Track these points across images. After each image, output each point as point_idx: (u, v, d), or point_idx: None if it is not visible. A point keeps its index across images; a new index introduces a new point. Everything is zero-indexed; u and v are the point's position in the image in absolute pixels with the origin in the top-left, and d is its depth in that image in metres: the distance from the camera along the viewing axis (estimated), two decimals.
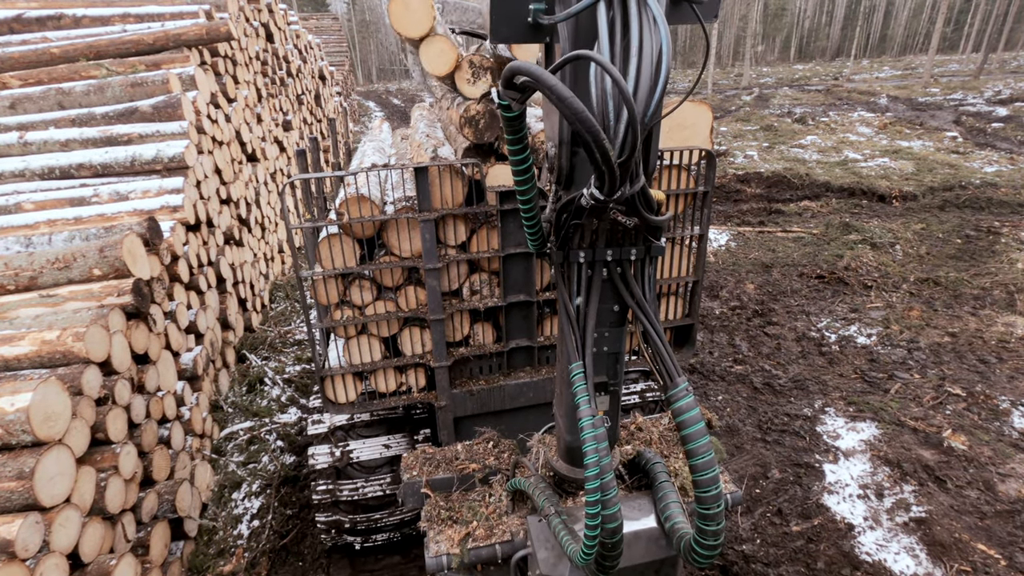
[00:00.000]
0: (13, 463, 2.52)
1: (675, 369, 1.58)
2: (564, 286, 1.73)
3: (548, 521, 1.99)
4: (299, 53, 11.00)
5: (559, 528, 1.91)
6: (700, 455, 1.43)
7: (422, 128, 4.53)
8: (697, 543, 1.53)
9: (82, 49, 6.08)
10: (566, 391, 1.95)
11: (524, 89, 1.31)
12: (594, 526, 1.53)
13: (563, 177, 1.57)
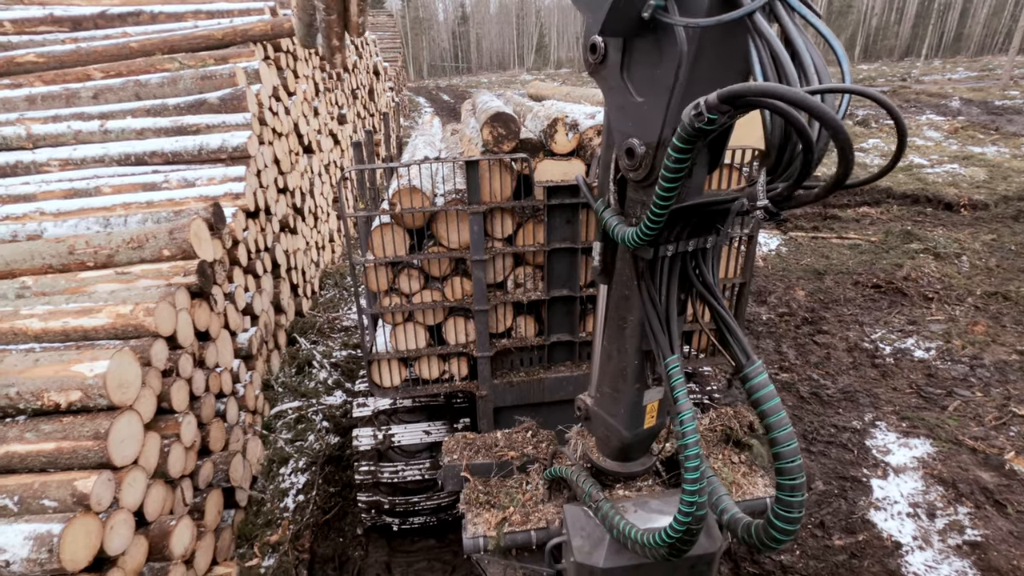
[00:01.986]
0: (90, 424, 2.75)
1: (748, 348, 1.60)
2: (651, 281, 1.72)
3: (598, 507, 2.01)
4: (355, 49, 11.32)
5: (612, 514, 1.94)
6: (780, 428, 1.44)
7: (472, 123, 4.61)
8: (778, 517, 1.49)
9: (158, 44, 6.45)
10: (629, 388, 1.97)
11: (745, 106, 1.24)
12: (688, 512, 1.59)
13: (649, 175, 1.57)
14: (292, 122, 6.93)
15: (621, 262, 1.87)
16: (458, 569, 4.15)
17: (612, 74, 1.63)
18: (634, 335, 1.90)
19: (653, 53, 1.49)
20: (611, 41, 1.59)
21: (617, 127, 1.67)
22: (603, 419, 2.16)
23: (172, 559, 3.03)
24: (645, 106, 1.54)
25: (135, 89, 5.97)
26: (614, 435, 2.13)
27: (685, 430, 1.59)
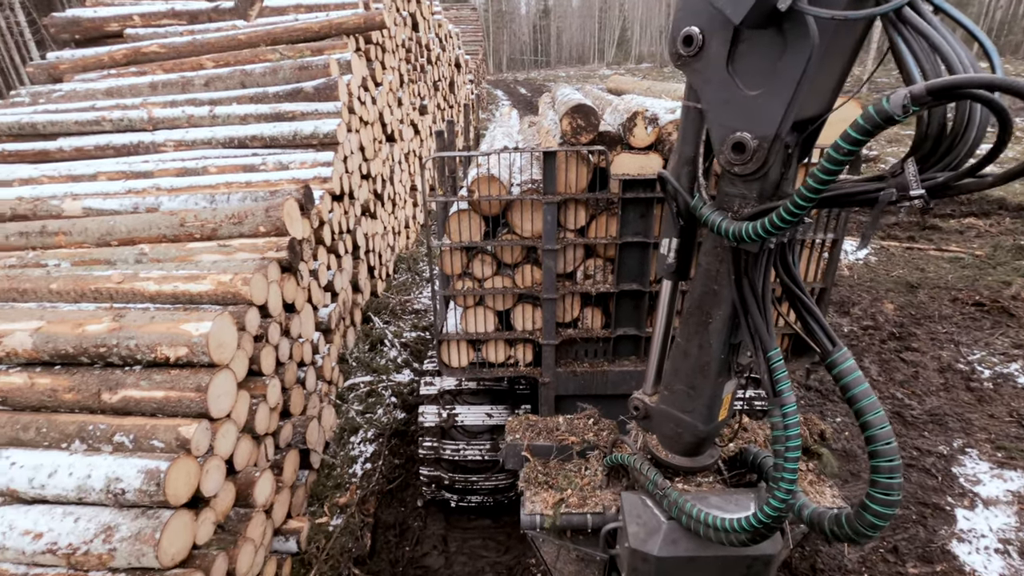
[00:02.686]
0: (193, 377, 3.06)
1: (833, 335, 1.60)
2: (754, 274, 1.73)
3: (665, 495, 2.05)
4: (439, 42, 11.64)
5: (681, 501, 1.97)
6: (872, 411, 1.44)
7: (551, 116, 4.66)
8: (875, 501, 1.48)
9: (262, 36, 6.95)
10: (710, 382, 1.99)
11: (953, 98, 1.23)
12: (783, 499, 1.64)
13: (761, 169, 1.58)
14: (378, 111, 7.25)
15: (709, 257, 1.86)
16: (511, 550, 4.27)
17: (713, 67, 1.61)
18: (721, 329, 1.90)
19: (774, 46, 1.46)
20: (715, 34, 1.57)
21: (719, 122, 1.64)
22: (672, 416, 2.17)
23: (254, 507, 3.33)
24: (760, 99, 1.52)
25: (241, 78, 6.47)
26: (687, 431, 2.14)
27: (788, 422, 1.63)
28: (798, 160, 1.66)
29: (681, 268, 2.10)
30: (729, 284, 1.79)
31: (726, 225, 1.66)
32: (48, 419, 2.96)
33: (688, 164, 1.92)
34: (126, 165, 5.71)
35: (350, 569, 3.96)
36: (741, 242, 1.64)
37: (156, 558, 2.54)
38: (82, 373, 3.10)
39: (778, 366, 1.68)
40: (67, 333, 3.08)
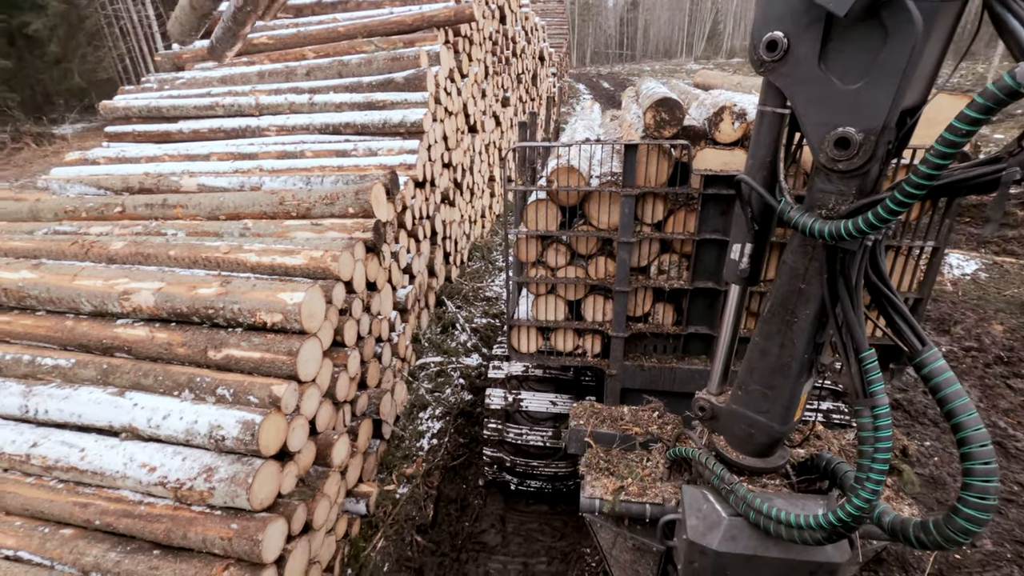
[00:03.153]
0: (286, 342, 3.35)
1: (922, 334, 1.58)
2: (850, 271, 1.71)
3: (732, 490, 2.06)
4: (525, 34, 11.73)
5: (751, 496, 1.98)
6: (965, 412, 1.41)
7: (634, 109, 4.63)
8: (968, 505, 1.44)
9: (359, 28, 7.33)
10: (790, 382, 1.98)
11: None
12: (867, 499, 1.64)
13: (868, 162, 1.56)
14: (462, 102, 7.46)
15: (796, 255, 1.85)
16: (566, 537, 4.34)
17: (803, 67, 1.61)
18: (807, 328, 1.88)
19: (871, 37, 1.46)
20: (802, 35, 1.57)
21: (817, 120, 1.63)
22: (745, 417, 2.15)
23: (331, 467, 3.59)
24: (862, 92, 1.50)
25: (338, 68, 6.86)
26: (761, 431, 2.12)
27: (880, 423, 1.61)
28: (896, 155, 1.61)
29: (754, 274, 2.10)
30: (819, 282, 1.77)
31: (820, 225, 1.64)
32: (164, 369, 3.35)
33: (764, 169, 1.91)
34: (234, 147, 6.24)
35: (413, 536, 4.18)
36: (840, 240, 1.61)
37: (248, 500, 2.82)
38: (193, 331, 3.47)
39: (872, 367, 1.64)
40: (182, 294, 3.45)
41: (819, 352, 1.96)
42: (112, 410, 3.13)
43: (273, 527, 2.86)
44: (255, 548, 2.77)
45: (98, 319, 3.63)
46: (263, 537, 2.78)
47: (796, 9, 1.52)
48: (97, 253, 4.22)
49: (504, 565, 4.15)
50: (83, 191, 5.73)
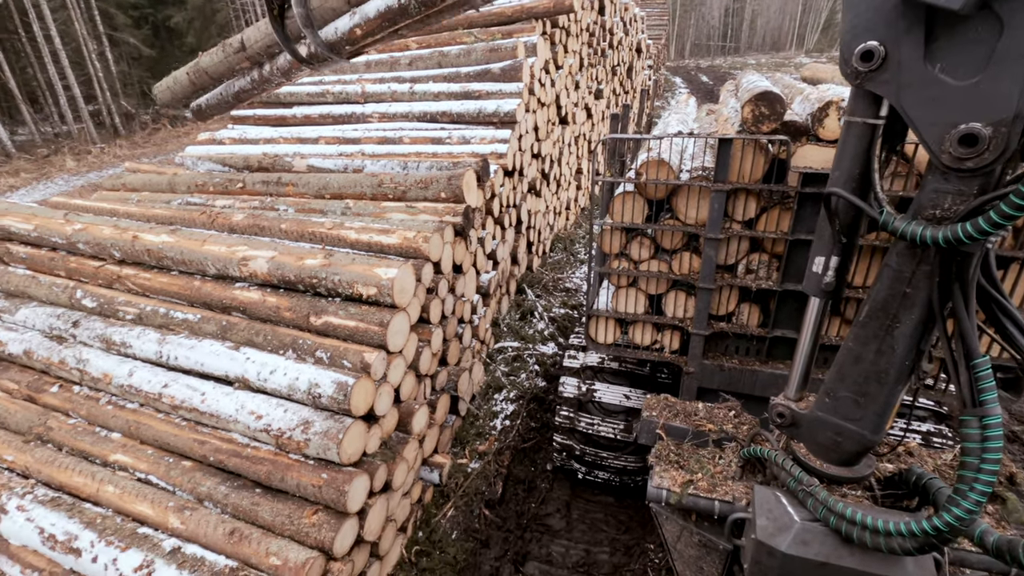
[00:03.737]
0: (378, 314, 3.61)
1: None
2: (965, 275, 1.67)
3: (811, 493, 2.03)
4: (623, 26, 11.55)
5: (832, 501, 1.94)
6: None
7: (732, 103, 4.48)
8: None
9: (460, 19, 7.57)
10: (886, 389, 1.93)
11: None
12: (969, 510, 1.61)
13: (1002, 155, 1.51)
14: (555, 94, 7.52)
15: (901, 259, 1.80)
16: (631, 531, 4.35)
17: (908, 71, 1.58)
18: (910, 334, 1.83)
19: (985, 29, 1.43)
20: (901, 40, 1.55)
21: (932, 120, 1.58)
22: (832, 424, 2.09)
23: (411, 434, 3.84)
24: (982, 85, 1.46)
25: (438, 59, 7.14)
26: (850, 439, 2.07)
27: (989, 433, 1.57)
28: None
29: (839, 287, 2.06)
30: (928, 286, 1.70)
31: (932, 232, 1.59)
32: (272, 329, 3.72)
33: (852, 180, 1.87)
34: (340, 132, 6.69)
35: (481, 509, 4.37)
36: (959, 244, 1.55)
37: (337, 454, 3.10)
38: (298, 297, 3.82)
39: (984, 375, 1.58)
40: (291, 263, 3.80)
41: (919, 359, 1.88)
42: (228, 362, 3.53)
43: (358, 481, 3.12)
44: (341, 498, 3.04)
45: (220, 281, 4.08)
46: (349, 489, 3.05)
47: (890, 17, 1.51)
48: (221, 223, 4.72)
49: (566, 549, 4.24)
50: (211, 168, 6.40)
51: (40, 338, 4.12)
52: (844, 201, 1.88)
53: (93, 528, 3.07)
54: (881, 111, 1.74)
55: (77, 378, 3.90)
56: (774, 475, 2.24)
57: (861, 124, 1.79)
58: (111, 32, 22.88)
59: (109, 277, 4.36)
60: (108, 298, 4.20)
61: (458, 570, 3.91)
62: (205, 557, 2.92)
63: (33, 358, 4.05)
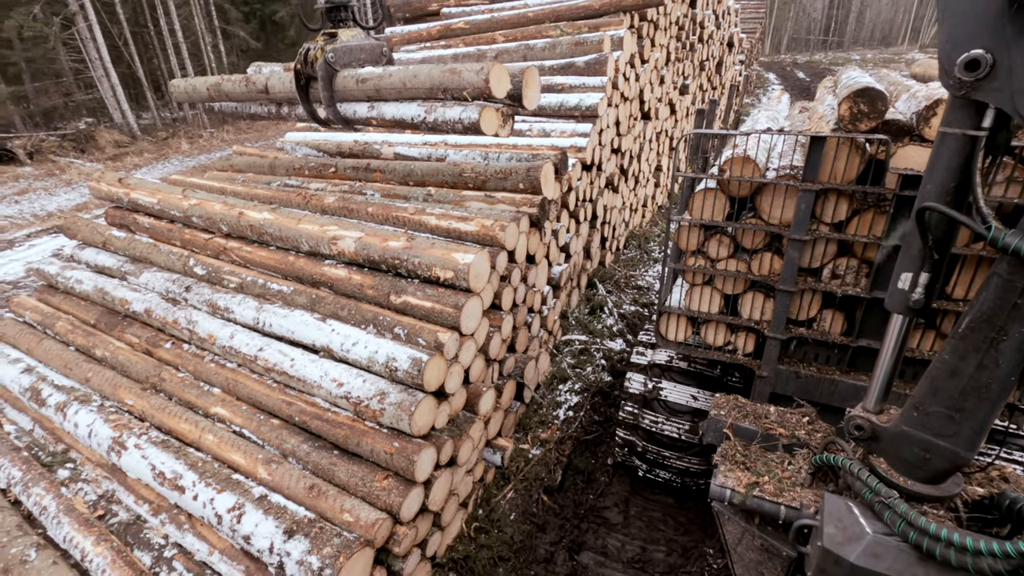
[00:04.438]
0: (453, 297, 3.77)
1: None
2: None
3: (890, 505, 1.96)
4: (715, 19, 11.15)
5: (913, 515, 1.88)
6: None
7: (829, 100, 4.27)
8: None
9: (548, 13, 7.62)
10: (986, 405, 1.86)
11: None
12: None
13: None
14: (639, 88, 7.42)
15: (1012, 267, 1.71)
16: (690, 533, 4.29)
17: (1019, 77, 1.52)
18: (1017, 348, 1.75)
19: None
20: (1010, 44, 1.50)
21: None
22: (920, 440, 2.00)
23: (477, 415, 3.98)
24: None
25: (524, 52, 7.24)
26: (941, 457, 1.97)
27: None
28: None
29: (927, 304, 1.97)
30: None
31: None
32: (356, 305, 3.97)
33: (947, 195, 1.79)
34: None
35: (540, 495, 4.46)
36: None
37: (409, 425, 3.28)
38: (380, 277, 4.05)
39: None
40: (376, 244, 4.04)
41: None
42: (316, 332, 3.82)
43: (426, 452, 3.29)
44: (410, 466, 3.23)
45: (312, 257, 4.40)
46: (417, 459, 3.23)
47: (995, 24, 1.46)
48: (315, 204, 5.07)
49: (622, 544, 4.25)
50: (307, 153, 6.85)
51: (158, 299, 4.62)
52: (937, 216, 1.80)
53: (195, 470, 3.44)
54: (984, 122, 1.65)
55: (187, 337, 4.35)
56: (847, 485, 2.17)
57: (960, 136, 1.71)
58: (224, 26, 24.81)
59: (217, 249, 4.81)
60: (215, 267, 4.63)
61: (514, 550, 4.03)
62: (287, 506, 3.20)
63: (152, 317, 4.55)
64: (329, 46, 4.23)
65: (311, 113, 4.64)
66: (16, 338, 5.08)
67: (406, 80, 4.01)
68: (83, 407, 4.09)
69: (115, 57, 20.12)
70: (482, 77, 3.62)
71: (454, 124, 3.90)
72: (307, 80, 4.49)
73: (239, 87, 5.12)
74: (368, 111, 4.39)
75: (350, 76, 4.30)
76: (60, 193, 13.81)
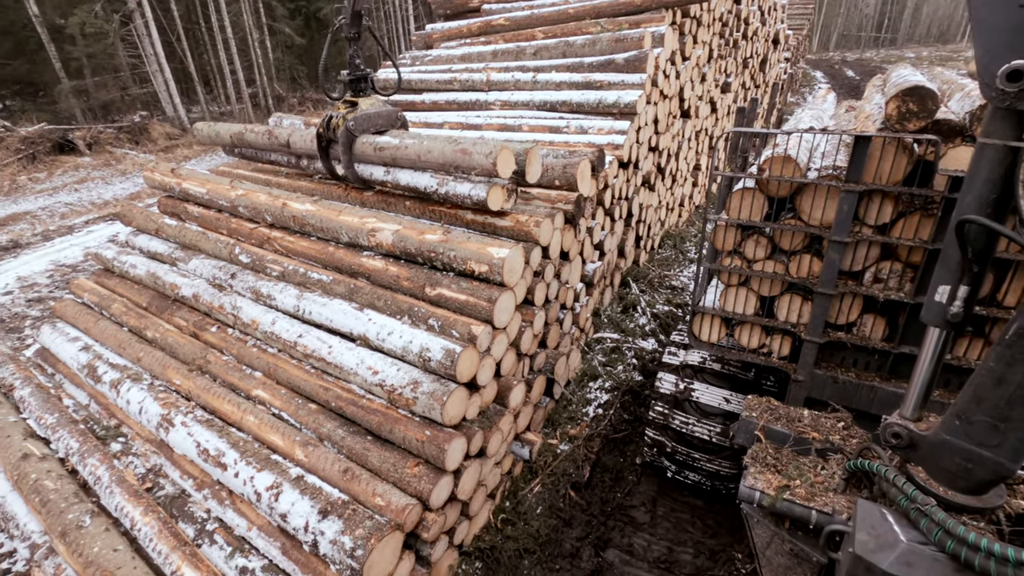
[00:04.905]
0: (487, 291, 3.83)
1: None
2: None
3: (927, 513, 1.92)
4: (760, 15, 10.89)
5: (952, 524, 1.84)
6: None
7: (877, 99, 4.14)
8: None
9: (588, 10, 7.60)
10: None
11: None
12: None
13: None
14: (679, 86, 7.32)
15: None
16: (718, 537, 4.25)
17: None
18: None
19: None
20: None
21: None
22: (962, 450, 1.95)
23: (507, 408, 4.03)
24: None
25: (563, 48, 7.24)
26: (984, 467, 1.92)
27: None
28: None
29: (965, 318, 1.92)
30: None
31: None
32: (392, 296, 4.08)
33: (987, 207, 1.75)
34: (463, 118, 7.03)
35: (567, 490, 4.49)
36: None
37: (440, 414, 3.36)
38: (416, 269, 4.14)
39: None
40: (413, 237, 4.13)
41: None
42: (353, 320, 3.93)
43: (456, 442, 3.36)
44: (441, 455, 3.30)
45: (350, 248, 4.53)
46: (448, 448, 3.30)
47: None
48: (354, 197, 5.20)
49: (648, 543, 4.24)
50: None
51: (205, 285, 4.83)
52: (976, 228, 1.76)
53: (237, 449, 3.60)
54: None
55: (231, 322, 4.54)
56: (882, 492, 2.12)
57: (1001, 147, 1.67)
58: (271, 23, 25.53)
59: (261, 238, 4.99)
60: (259, 256, 4.81)
61: (540, 543, 4.07)
62: (322, 488, 3.32)
63: (199, 301, 4.77)
64: (351, 115, 4.64)
65: (330, 170, 5.10)
66: (75, 318, 5.39)
67: (421, 153, 4.35)
68: (135, 385, 4.32)
69: (168, 53, 20.95)
70: (490, 160, 4.00)
71: (463, 199, 4.30)
72: (328, 142, 4.91)
73: (262, 138, 5.57)
74: (384, 175, 4.82)
75: (369, 143, 4.68)
76: (116, 182, 14.50)
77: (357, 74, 4.82)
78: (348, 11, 4.60)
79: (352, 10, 4.59)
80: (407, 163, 4.51)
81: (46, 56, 19.73)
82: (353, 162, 4.87)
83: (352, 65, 4.80)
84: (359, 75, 4.83)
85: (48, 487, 3.72)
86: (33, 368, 5.18)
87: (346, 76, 4.82)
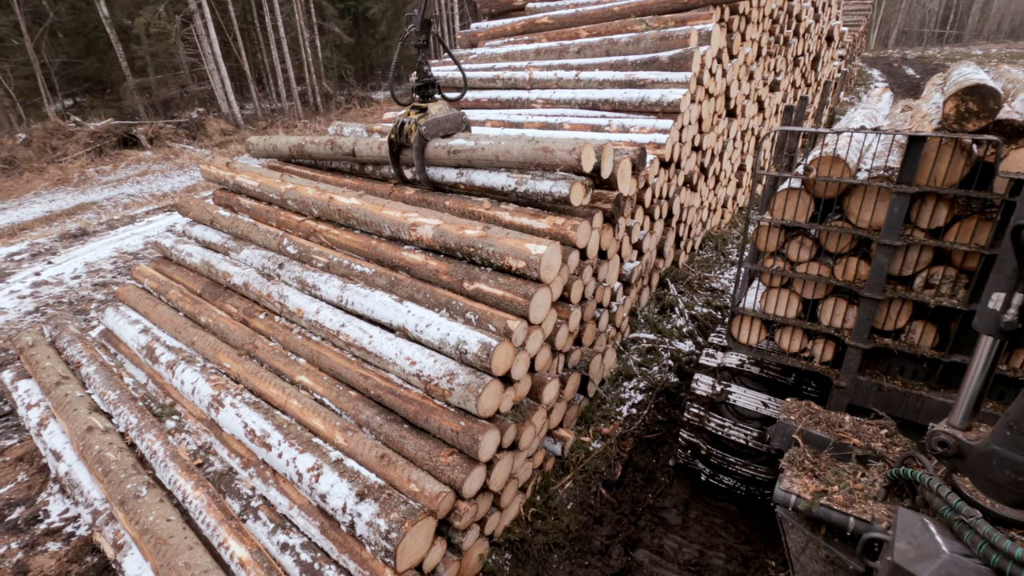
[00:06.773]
0: (524, 287, 3.87)
1: None
2: None
3: (971, 525, 1.87)
4: (814, 11, 10.54)
5: (998, 537, 1.79)
6: None
7: (936, 98, 3.97)
8: None
9: (633, 7, 7.53)
10: None
11: None
12: None
13: None
14: (725, 84, 7.18)
15: None
16: (751, 543, 4.18)
17: None
18: None
19: None
20: None
21: None
22: (1013, 462, 1.89)
23: (540, 403, 4.07)
24: None
25: (607, 47, 7.20)
26: None
27: None
28: None
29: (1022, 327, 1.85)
30: None
31: None
32: (431, 289, 4.17)
33: None
34: (505, 116, 7.09)
35: (598, 488, 4.49)
36: None
37: (475, 406, 3.42)
38: (455, 264, 4.22)
39: None
40: (453, 232, 4.21)
41: None
42: (393, 312, 4.04)
43: (490, 434, 3.42)
44: (474, 445, 3.37)
45: (392, 242, 4.65)
46: (482, 439, 3.36)
47: None
48: (396, 194, 5.33)
49: (679, 546, 4.21)
50: None
51: (255, 274, 5.05)
52: None
53: (281, 431, 3.76)
54: None
55: (278, 310, 4.73)
56: (925, 502, 2.06)
57: None
58: (321, 22, 26.25)
59: (307, 230, 5.18)
60: (306, 247, 5.00)
61: (570, 538, 4.09)
62: (360, 472, 3.43)
63: (249, 290, 4.99)
64: (423, 120, 4.80)
65: (399, 175, 5.31)
66: (136, 302, 5.72)
67: (499, 154, 4.49)
68: (188, 367, 4.56)
69: (225, 52, 21.85)
70: (574, 156, 4.16)
71: (544, 196, 4.42)
72: (399, 148, 5.12)
73: (323, 149, 5.85)
74: (457, 177, 4.95)
75: (442, 147, 4.82)
76: (174, 175, 15.23)
77: (426, 80, 5.01)
78: (418, 19, 4.75)
79: (422, 18, 4.73)
80: (483, 164, 4.64)
81: (114, 55, 20.89)
82: (425, 166, 5.03)
83: (421, 72, 4.99)
84: (427, 81, 5.01)
85: (110, 458, 3.98)
86: (98, 348, 5.52)
87: (415, 82, 5.03)
